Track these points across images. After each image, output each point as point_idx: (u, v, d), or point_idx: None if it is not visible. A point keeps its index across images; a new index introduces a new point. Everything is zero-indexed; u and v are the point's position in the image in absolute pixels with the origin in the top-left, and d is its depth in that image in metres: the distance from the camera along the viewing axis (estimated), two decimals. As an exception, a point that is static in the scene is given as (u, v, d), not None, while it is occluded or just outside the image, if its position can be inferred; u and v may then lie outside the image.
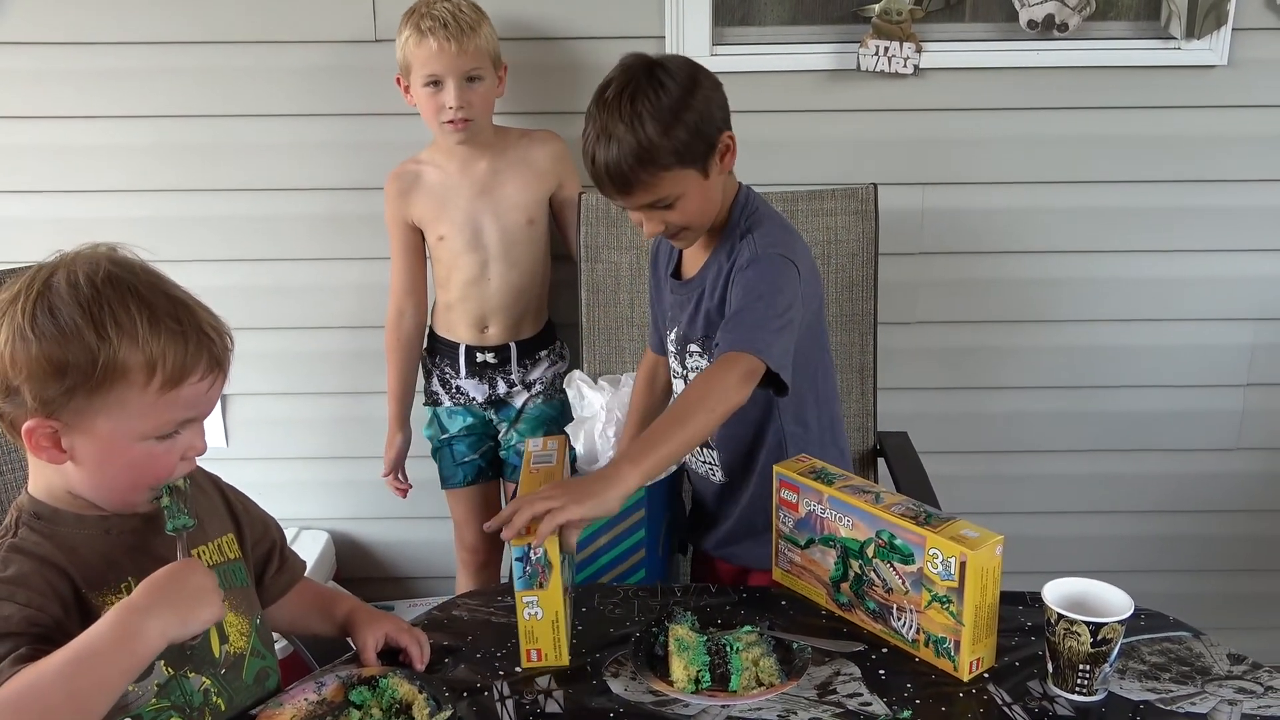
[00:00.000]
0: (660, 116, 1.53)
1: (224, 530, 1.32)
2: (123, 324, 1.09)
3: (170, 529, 1.17)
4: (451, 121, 2.07)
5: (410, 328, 2.27)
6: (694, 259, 1.73)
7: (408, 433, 2.34)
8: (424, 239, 2.23)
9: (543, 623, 1.33)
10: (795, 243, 1.69)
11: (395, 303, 2.27)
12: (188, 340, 1.12)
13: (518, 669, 1.35)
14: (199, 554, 1.26)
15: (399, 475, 2.36)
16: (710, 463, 1.79)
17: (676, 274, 1.77)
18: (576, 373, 2.12)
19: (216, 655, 1.25)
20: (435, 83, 2.05)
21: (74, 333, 1.08)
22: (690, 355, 1.74)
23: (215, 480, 1.37)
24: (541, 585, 1.31)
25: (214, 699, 1.23)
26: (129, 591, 1.15)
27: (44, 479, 1.19)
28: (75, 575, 1.14)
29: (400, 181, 2.19)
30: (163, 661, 1.17)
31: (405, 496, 2.37)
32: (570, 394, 2.10)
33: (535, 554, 1.29)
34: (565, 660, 1.35)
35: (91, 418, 1.11)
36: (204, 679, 1.22)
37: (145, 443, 1.14)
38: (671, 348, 1.78)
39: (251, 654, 1.29)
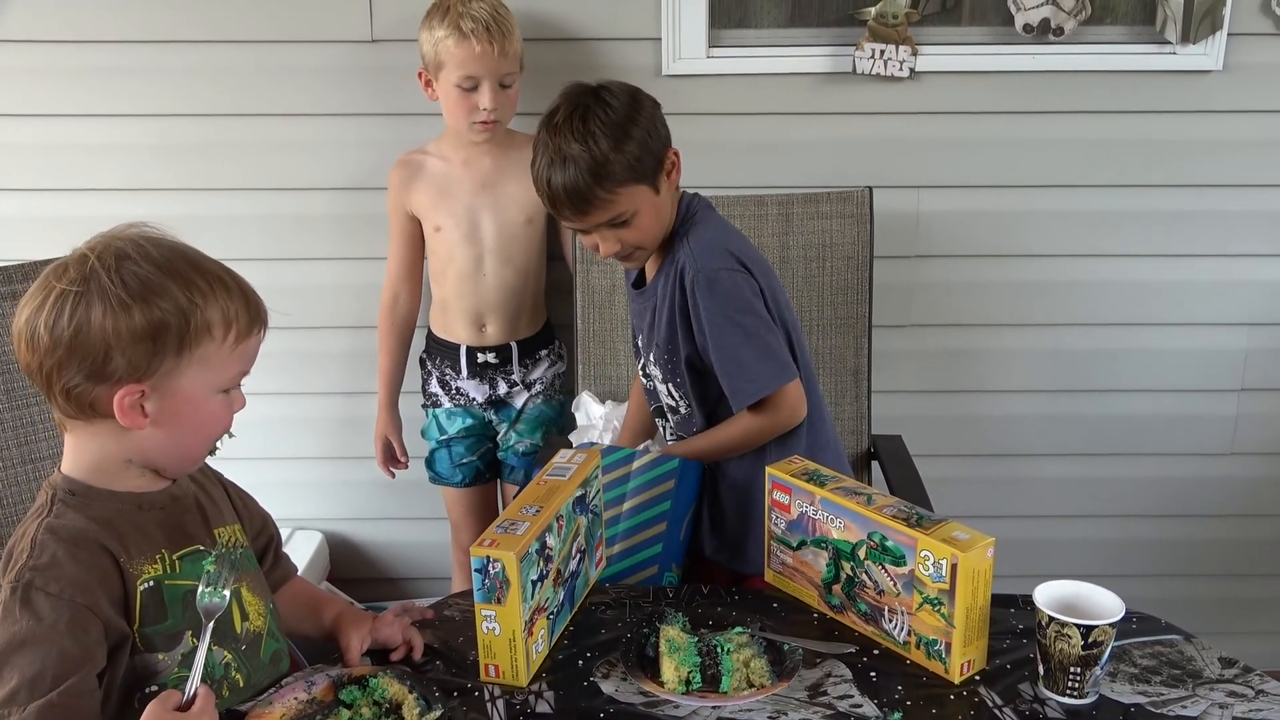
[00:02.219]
0: (612, 132, 1.59)
1: (233, 519, 1.35)
2: (200, 286, 1.17)
3: (202, 602, 1.19)
4: (484, 122, 2.08)
5: (405, 313, 2.29)
6: (651, 267, 1.77)
7: (396, 418, 2.35)
8: (422, 230, 2.24)
9: (500, 639, 1.31)
10: (722, 237, 1.71)
11: (390, 287, 2.28)
12: (247, 297, 1.22)
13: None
14: (219, 535, 1.29)
15: (391, 456, 2.36)
16: None
17: (639, 282, 1.81)
18: (585, 394, 2.13)
19: (238, 630, 1.27)
20: (472, 85, 2.06)
21: (168, 295, 1.15)
22: (650, 364, 1.78)
23: (218, 474, 1.40)
24: (499, 601, 1.29)
25: (233, 673, 1.26)
26: (162, 562, 1.21)
27: (91, 455, 1.21)
28: (113, 546, 1.18)
29: (404, 170, 2.21)
30: (189, 632, 1.21)
31: (394, 476, 2.38)
32: (579, 416, 2.10)
33: (494, 568, 1.28)
34: (523, 681, 1.32)
35: (178, 377, 1.17)
36: (225, 652, 1.25)
37: (217, 396, 1.22)
38: (640, 355, 1.82)
39: (268, 635, 1.32)
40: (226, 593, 1.20)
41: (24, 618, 1.10)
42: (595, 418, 2.07)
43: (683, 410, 1.78)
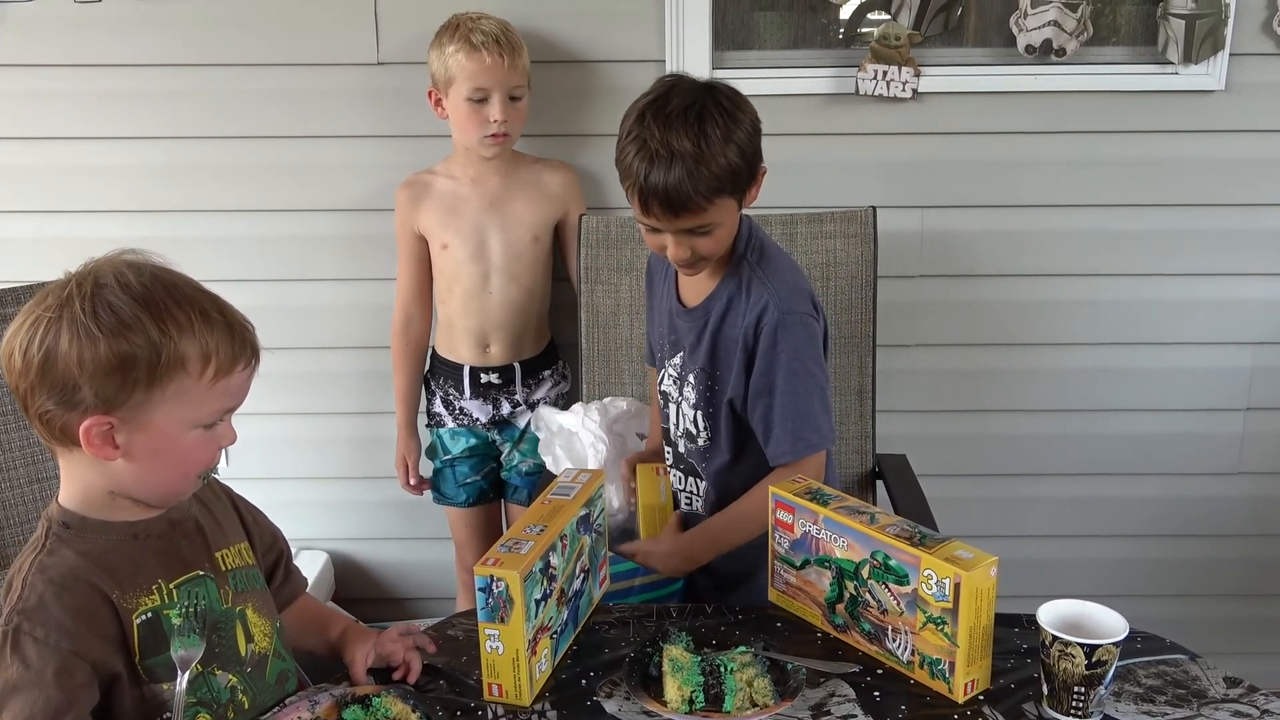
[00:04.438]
0: (725, 137, 1.51)
1: (239, 538, 1.35)
2: (178, 319, 1.14)
3: (177, 652, 1.18)
4: (494, 135, 2.10)
5: (417, 334, 2.30)
6: (695, 286, 1.72)
7: (416, 440, 2.36)
8: (430, 250, 2.25)
9: (504, 658, 1.31)
10: (802, 281, 1.69)
11: (402, 309, 2.29)
12: (233, 332, 1.19)
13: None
14: (221, 558, 1.29)
15: (412, 478, 2.37)
16: (693, 493, 1.79)
17: (678, 299, 1.76)
18: (539, 410, 2.11)
19: (243, 654, 1.28)
20: (482, 97, 2.08)
21: (139, 328, 1.12)
22: (687, 385, 1.73)
23: (227, 490, 1.40)
24: (503, 620, 1.29)
25: (239, 696, 1.26)
26: (159, 593, 1.21)
27: (79, 484, 1.21)
28: (104, 583, 1.18)
29: (411, 190, 2.23)
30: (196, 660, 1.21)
31: (421, 494, 2.38)
32: (543, 431, 2.07)
33: (497, 587, 1.29)
34: (526, 701, 1.32)
35: (150, 410, 1.15)
36: (230, 676, 1.26)
37: (195, 431, 1.19)
38: (672, 371, 1.77)
39: (274, 655, 1.32)
40: (200, 640, 1.20)
41: (13, 663, 1.12)
42: (567, 424, 2.02)
43: (701, 441, 1.74)
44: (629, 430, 2.03)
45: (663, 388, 1.80)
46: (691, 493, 1.80)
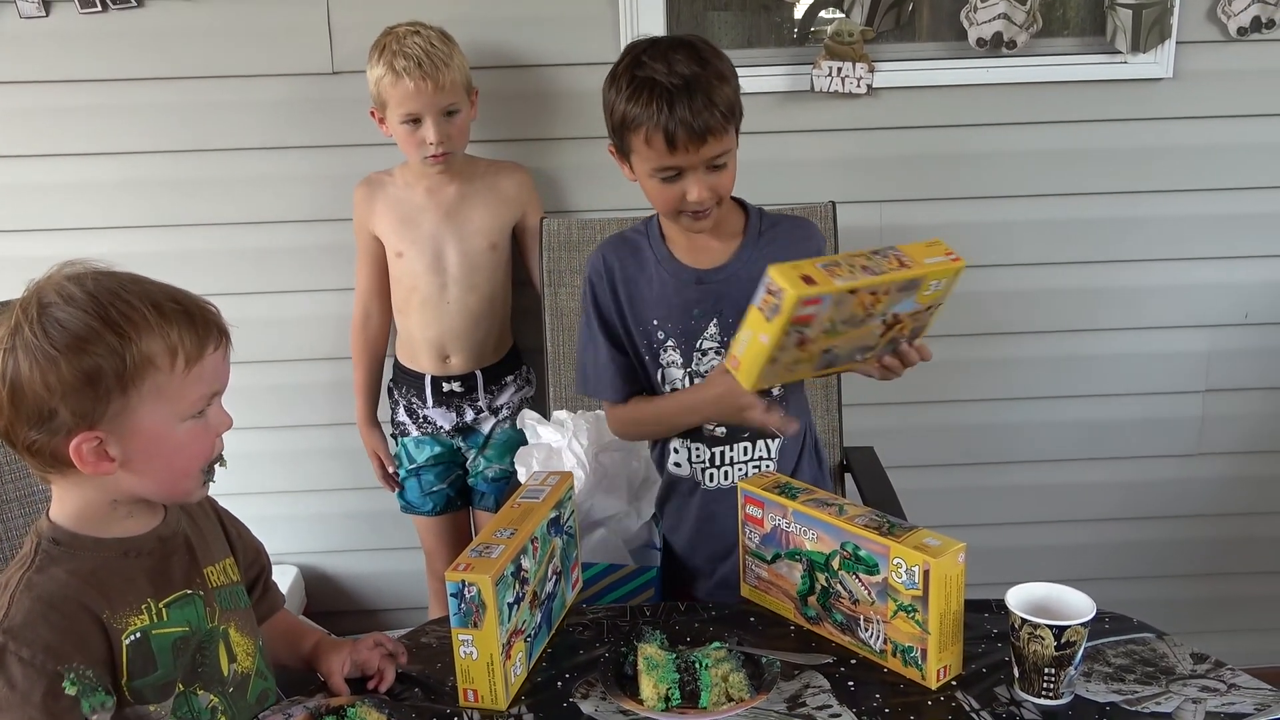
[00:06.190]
0: (725, 64, 1.57)
1: (224, 554, 1.34)
2: (133, 318, 1.12)
3: (85, 709, 1.14)
4: (433, 156, 2.09)
5: (376, 329, 2.30)
6: (708, 252, 1.68)
7: (379, 433, 2.36)
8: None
9: (478, 663, 1.31)
10: None
11: (361, 304, 2.29)
12: (193, 317, 1.17)
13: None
14: (209, 574, 1.28)
15: (389, 467, 2.36)
16: (763, 456, 1.74)
17: (685, 268, 1.69)
18: (526, 412, 2.10)
19: (225, 674, 1.26)
20: (414, 120, 2.07)
21: (95, 338, 1.10)
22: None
23: (212, 503, 1.38)
24: (476, 625, 1.29)
25: (219, 717, 1.25)
26: (149, 612, 1.19)
27: (75, 503, 1.19)
28: (94, 603, 1.16)
29: (366, 188, 2.22)
30: (179, 681, 1.19)
31: (403, 489, 2.36)
32: (529, 435, 2.07)
33: (469, 592, 1.29)
34: (502, 705, 1.32)
35: (132, 415, 1.13)
36: (212, 696, 1.24)
37: (185, 424, 1.18)
38: (706, 345, 1.68)
39: (256, 674, 1.31)
40: (106, 695, 1.16)
41: None
42: (550, 441, 2.00)
43: (776, 390, 1.71)
44: (617, 467, 1.91)
45: (702, 366, 1.69)
46: (761, 456, 1.74)
